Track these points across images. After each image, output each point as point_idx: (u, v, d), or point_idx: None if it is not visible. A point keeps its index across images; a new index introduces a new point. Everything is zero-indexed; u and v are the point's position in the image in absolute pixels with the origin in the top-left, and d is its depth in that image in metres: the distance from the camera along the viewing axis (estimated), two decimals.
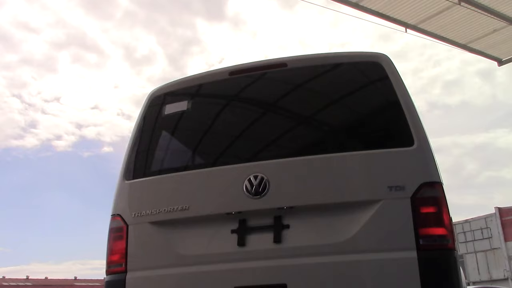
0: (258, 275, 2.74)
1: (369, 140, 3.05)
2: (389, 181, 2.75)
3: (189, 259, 2.90)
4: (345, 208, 2.79)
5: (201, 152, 3.35)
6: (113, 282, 3.06)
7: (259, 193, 2.84)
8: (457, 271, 2.65)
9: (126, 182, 3.26)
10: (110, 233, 3.17)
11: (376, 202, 2.73)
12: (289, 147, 3.13)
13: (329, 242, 2.72)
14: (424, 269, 2.57)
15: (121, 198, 3.24)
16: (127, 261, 3.04)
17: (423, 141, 2.84)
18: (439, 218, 2.69)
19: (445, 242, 2.66)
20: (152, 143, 3.44)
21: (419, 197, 2.70)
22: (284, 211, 2.84)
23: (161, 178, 3.19)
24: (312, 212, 2.83)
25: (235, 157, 3.12)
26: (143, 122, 3.46)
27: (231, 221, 2.90)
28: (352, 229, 2.72)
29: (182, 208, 2.99)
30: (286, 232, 2.80)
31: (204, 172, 3.09)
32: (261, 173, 2.88)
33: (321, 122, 3.24)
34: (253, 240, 2.83)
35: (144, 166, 3.34)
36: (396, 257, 2.62)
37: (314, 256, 2.71)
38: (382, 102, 3.13)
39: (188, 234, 2.98)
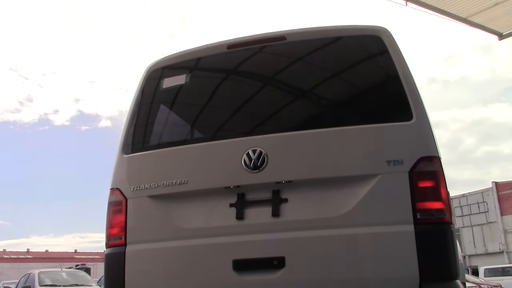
0: (257, 248, 2.77)
1: (368, 114, 3.05)
2: (387, 156, 2.75)
3: (188, 232, 2.92)
4: (343, 182, 2.80)
5: (199, 126, 3.34)
6: (113, 255, 3.09)
7: (258, 167, 2.85)
8: (454, 245, 2.68)
9: (124, 156, 3.26)
10: (109, 207, 3.19)
11: (374, 176, 2.74)
12: (288, 121, 3.12)
13: (327, 216, 2.74)
14: (420, 243, 2.60)
15: (119, 172, 3.25)
16: (127, 234, 3.07)
17: (422, 116, 2.83)
18: (436, 192, 2.71)
19: (442, 216, 2.69)
20: (150, 117, 3.43)
21: (417, 171, 2.71)
22: (283, 185, 2.85)
23: (159, 152, 3.19)
24: (311, 186, 2.84)
25: (233, 131, 3.12)
26: (141, 96, 3.45)
27: (229, 195, 2.91)
28: (350, 203, 2.74)
29: (180, 182, 3.00)
30: (284, 206, 2.82)
31: (202, 146, 3.09)
32: (259, 147, 2.88)
33: (320, 96, 3.23)
34: (251, 214, 2.85)
35: (143, 140, 3.34)
36: (393, 230, 2.65)
37: (312, 230, 2.74)
38: (381, 76, 3.11)
39: (187, 207, 3.00)
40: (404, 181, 2.70)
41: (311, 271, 2.68)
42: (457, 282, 2.59)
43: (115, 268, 3.04)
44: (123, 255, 3.03)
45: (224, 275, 2.77)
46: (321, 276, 2.66)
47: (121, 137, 3.36)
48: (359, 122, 2.97)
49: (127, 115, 3.43)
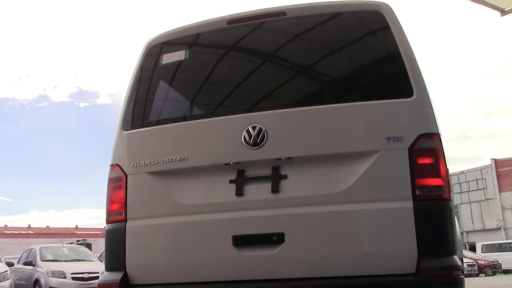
0: (256, 224, 2.79)
1: (368, 90, 3.04)
2: (387, 132, 2.75)
3: (188, 208, 2.94)
4: (343, 159, 2.81)
5: (199, 102, 3.33)
6: (114, 231, 3.11)
7: (257, 144, 2.85)
8: (452, 221, 2.70)
9: (124, 132, 3.26)
10: (110, 183, 3.20)
11: (374, 153, 2.75)
12: (288, 97, 3.11)
13: (327, 192, 2.76)
14: (419, 219, 2.62)
15: (119, 149, 3.25)
16: (127, 210, 3.08)
17: (423, 92, 2.82)
18: (436, 169, 2.72)
19: (441, 192, 2.70)
20: (149, 93, 3.42)
21: (416, 148, 2.71)
22: (282, 162, 2.86)
23: (159, 129, 3.19)
24: (310, 163, 2.85)
25: (233, 107, 3.11)
26: (140, 72, 3.43)
27: (229, 172, 2.92)
28: (350, 180, 2.75)
29: (180, 159, 3.01)
30: (283, 183, 2.83)
31: (202, 122, 3.09)
32: (259, 124, 2.88)
33: (320, 73, 3.21)
34: (251, 190, 2.86)
35: (142, 116, 3.34)
36: (393, 207, 2.66)
37: (311, 206, 2.75)
38: (382, 52, 3.09)
39: (187, 184, 3.01)
40: (404, 157, 2.71)
41: (310, 247, 2.70)
42: (454, 258, 2.62)
43: (116, 244, 3.07)
44: (123, 230, 3.05)
45: (223, 251, 2.79)
46: (320, 252, 2.68)
47: (120, 113, 3.35)
48: (359, 99, 2.96)
49: (126, 91, 3.42)
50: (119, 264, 3.01)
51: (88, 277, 13.37)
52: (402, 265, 2.59)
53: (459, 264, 2.62)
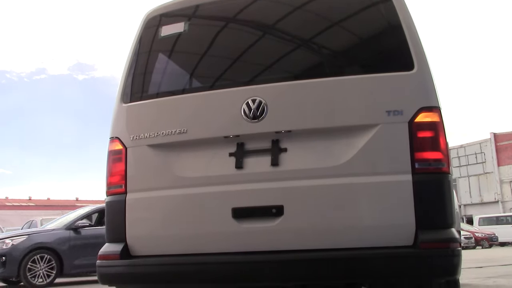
0: (256, 197, 2.81)
1: (368, 63, 3.02)
2: (387, 106, 2.75)
3: (187, 181, 2.95)
4: (343, 132, 2.81)
5: (199, 75, 3.31)
6: (114, 203, 3.13)
7: (257, 117, 2.85)
8: (450, 194, 2.71)
9: (123, 105, 3.25)
10: (109, 156, 3.21)
11: (374, 126, 2.74)
12: (288, 70, 3.10)
13: (326, 165, 2.76)
14: (418, 192, 2.63)
15: (119, 121, 3.25)
16: (127, 182, 3.10)
17: (424, 65, 2.81)
18: (435, 143, 2.72)
19: (440, 166, 2.70)
20: (148, 66, 3.40)
21: (416, 121, 2.71)
22: (282, 135, 2.86)
23: (158, 101, 3.18)
24: (310, 136, 2.85)
25: (233, 80, 3.10)
26: (139, 44, 3.40)
27: (229, 145, 2.92)
28: (349, 153, 2.75)
29: (180, 131, 3.00)
30: (283, 156, 2.83)
31: (202, 95, 3.08)
32: (259, 97, 2.87)
33: (320, 45, 3.18)
34: (250, 163, 2.87)
35: (141, 89, 3.32)
36: (392, 180, 2.67)
37: (310, 179, 2.76)
38: (383, 25, 3.06)
39: (186, 157, 3.02)
40: (404, 131, 2.71)
41: (309, 220, 2.72)
42: (452, 230, 2.64)
43: (116, 216, 3.09)
44: (123, 203, 3.07)
45: (223, 223, 2.81)
46: (319, 224, 2.71)
47: (119, 86, 3.34)
48: (359, 72, 2.95)
49: (125, 64, 3.40)
50: (119, 235, 3.04)
51: None
52: (400, 238, 2.61)
53: (457, 236, 2.65)
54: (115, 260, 3.00)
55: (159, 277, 2.97)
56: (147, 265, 2.98)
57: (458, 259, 2.58)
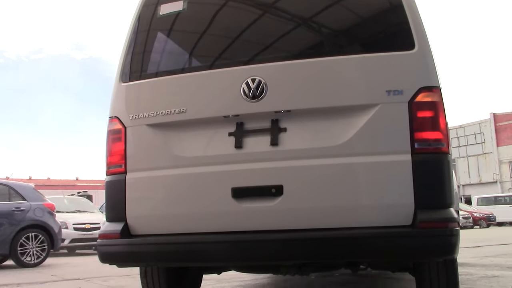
0: (255, 177, 2.81)
1: (369, 43, 3.00)
2: (387, 85, 2.74)
3: (187, 161, 2.96)
4: (342, 112, 2.80)
5: (198, 54, 3.29)
6: (114, 182, 3.14)
7: (257, 97, 2.84)
8: (449, 174, 2.71)
9: (122, 84, 3.24)
10: (109, 135, 3.21)
11: (374, 106, 2.74)
12: (288, 50, 3.07)
13: (326, 145, 2.76)
14: (417, 172, 2.63)
15: (118, 101, 3.24)
16: (126, 162, 3.10)
17: (424, 45, 2.79)
18: (435, 123, 2.71)
19: (440, 146, 2.71)
20: (147, 45, 3.37)
21: (416, 101, 2.70)
22: (282, 115, 2.85)
23: (158, 81, 3.16)
24: (309, 116, 2.84)
25: (232, 59, 3.08)
26: (137, 23, 3.37)
27: (228, 124, 2.92)
28: (349, 133, 2.75)
29: (179, 111, 3.00)
30: (283, 135, 2.83)
31: (201, 74, 3.06)
32: (258, 76, 2.86)
33: (320, 24, 3.15)
34: (250, 143, 2.87)
35: (140, 68, 3.30)
36: (391, 160, 2.68)
37: (310, 159, 2.76)
38: (384, 4, 3.03)
39: (186, 136, 3.02)
40: (403, 111, 2.70)
41: (308, 199, 2.73)
42: (450, 210, 2.65)
43: (116, 195, 3.10)
44: (123, 182, 3.08)
45: (223, 203, 2.82)
46: (318, 204, 2.72)
47: (118, 65, 3.32)
48: (360, 51, 2.93)
49: (124, 43, 3.37)
50: (119, 215, 3.06)
51: (90, 228, 13.60)
52: (398, 217, 2.62)
53: (455, 216, 2.66)
54: (115, 239, 3.01)
55: (159, 255, 2.99)
56: (147, 244, 3.00)
57: (456, 239, 2.59)
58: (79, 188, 49.22)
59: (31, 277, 7.54)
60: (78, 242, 13.61)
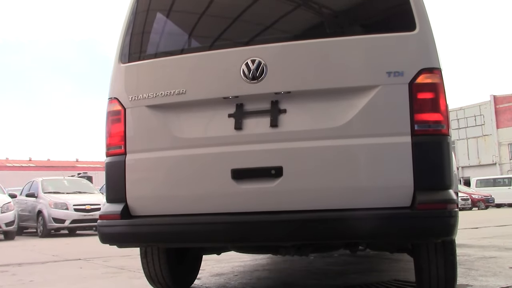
0: (255, 158, 2.81)
1: (370, 24, 2.97)
2: (388, 67, 2.72)
3: (187, 142, 2.96)
4: (343, 94, 2.79)
5: (197, 35, 3.27)
6: (113, 163, 3.14)
7: (257, 78, 2.83)
8: (449, 156, 2.72)
9: (121, 65, 3.22)
10: (108, 116, 3.20)
11: (374, 87, 2.73)
12: (288, 31, 3.05)
13: (325, 126, 2.76)
14: (417, 153, 2.64)
15: (117, 82, 3.23)
16: (126, 143, 3.10)
17: (426, 26, 2.77)
18: (435, 104, 2.71)
19: (440, 127, 2.70)
20: (146, 26, 3.34)
21: (417, 83, 2.69)
22: (281, 96, 2.84)
23: (157, 62, 3.14)
24: (309, 97, 2.83)
25: (232, 40, 3.06)
26: (136, 3, 3.34)
27: (228, 106, 2.91)
28: (349, 114, 2.74)
29: (179, 92, 2.99)
30: (282, 117, 2.83)
31: (201, 55, 3.04)
32: (258, 57, 2.84)
33: (321, 5, 3.12)
34: (250, 124, 2.87)
35: (139, 49, 3.28)
36: (391, 141, 2.68)
37: (310, 140, 2.76)
38: None
39: (185, 117, 3.01)
40: (404, 92, 2.69)
41: (308, 181, 2.74)
42: (449, 192, 2.66)
43: (116, 177, 3.11)
44: (123, 163, 3.08)
45: (222, 184, 2.83)
46: (318, 185, 2.72)
47: (117, 46, 3.30)
48: (360, 32, 2.91)
49: (123, 24, 3.34)
50: (119, 196, 3.07)
51: (90, 209, 13.67)
52: (398, 199, 2.63)
53: (454, 198, 2.67)
54: (115, 220, 3.03)
55: (158, 236, 3.01)
56: (147, 225, 3.01)
57: (454, 220, 2.61)
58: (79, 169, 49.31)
59: (32, 257, 7.60)
60: (78, 223, 13.70)
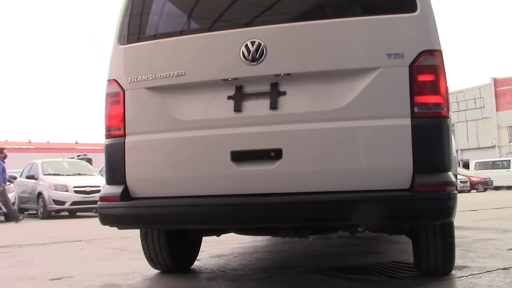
0: (254, 140, 2.81)
1: (370, 5, 2.95)
2: (388, 49, 2.71)
3: (186, 124, 2.95)
4: (343, 76, 2.78)
5: (197, 16, 3.24)
6: (113, 145, 3.14)
7: (256, 60, 2.81)
8: (448, 138, 2.72)
9: (120, 47, 3.20)
10: (107, 98, 3.19)
11: (374, 69, 2.71)
12: (288, 12, 3.03)
13: (325, 109, 2.75)
14: (416, 136, 2.63)
15: (116, 63, 3.21)
16: (125, 125, 3.09)
17: (427, 8, 2.74)
18: (436, 86, 2.70)
19: (440, 110, 2.70)
20: (145, 7, 3.31)
21: (417, 65, 2.68)
22: (281, 78, 2.83)
23: (156, 43, 3.12)
24: (309, 79, 2.82)
25: (232, 21, 3.03)
26: None
27: (227, 88, 2.90)
28: (349, 97, 2.73)
29: (178, 74, 2.97)
30: (282, 99, 2.82)
31: (200, 37, 3.02)
32: (258, 39, 2.82)
33: None
34: (249, 106, 2.86)
35: (139, 31, 3.26)
36: (391, 124, 2.67)
37: (310, 123, 2.76)
38: None
39: (185, 99, 3.00)
40: (404, 74, 2.68)
41: (307, 163, 2.74)
42: (449, 174, 2.66)
43: (116, 159, 3.11)
44: (122, 145, 3.08)
45: (222, 166, 2.83)
46: (317, 167, 2.73)
47: (116, 27, 3.27)
48: (361, 14, 2.89)
49: (121, 4, 3.31)
50: (119, 178, 3.07)
51: (90, 191, 13.71)
52: (397, 181, 2.64)
53: (453, 180, 2.67)
54: (115, 201, 3.04)
55: (158, 218, 3.02)
56: (146, 206, 3.03)
57: (453, 202, 2.62)
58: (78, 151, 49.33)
59: (32, 238, 7.65)
60: (78, 204, 13.76)
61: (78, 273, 4.14)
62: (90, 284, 3.61)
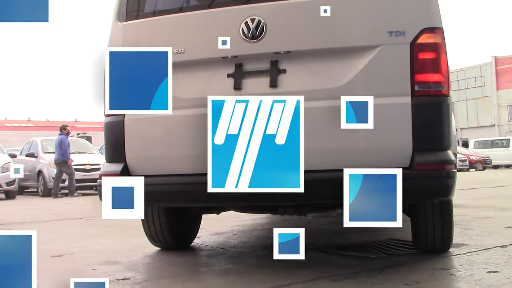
0: None
1: None
2: (389, 26, 2.68)
3: (185, 102, 2.94)
4: (343, 54, 2.76)
5: None
6: (112, 124, 3.13)
7: (256, 37, 2.79)
8: (448, 117, 2.71)
9: (119, 24, 3.18)
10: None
11: (375, 47, 2.70)
12: None
13: (325, 87, 2.74)
14: (417, 114, 2.63)
15: (115, 41, 3.18)
16: None
17: None
18: (436, 65, 2.68)
19: (440, 88, 2.69)
20: None
21: (418, 43, 2.66)
22: (281, 56, 2.81)
23: (155, 20, 3.10)
24: (309, 57, 2.80)
25: None
26: None
27: (227, 65, 2.88)
28: (349, 75, 2.72)
29: (177, 52, 2.95)
30: (282, 77, 2.80)
31: (199, 14, 2.99)
32: (258, 16, 2.80)
33: None
34: (249, 84, 2.84)
35: (137, 7, 3.23)
36: (391, 102, 2.66)
37: (309, 101, 2.73)
38: None
39: (184, 77, 2.99)
40: (405, 52, 2.66)
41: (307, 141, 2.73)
42: (448, 153, 2.67)
43: (115, 137, 3.11)
44: (122, 123, 3.07)
45: None
46: (317, 145, 2.72)
47: (115, 4, 3.24)
48: None
49: None
50: (119, 156, 3.07)
51: (90, 169, 13.73)
52: (396, 160, 2.64)
53: (452, 158, 2.68)
54: None
55: (158, 196, 3.03)
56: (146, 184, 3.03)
57: (452, 181, 2.62)
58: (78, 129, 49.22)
59: (33, 216, 7.69)
60: (78, 182, 13.77)
61: (79, 250, 4.17)
62: (90, 261, 3.64)
